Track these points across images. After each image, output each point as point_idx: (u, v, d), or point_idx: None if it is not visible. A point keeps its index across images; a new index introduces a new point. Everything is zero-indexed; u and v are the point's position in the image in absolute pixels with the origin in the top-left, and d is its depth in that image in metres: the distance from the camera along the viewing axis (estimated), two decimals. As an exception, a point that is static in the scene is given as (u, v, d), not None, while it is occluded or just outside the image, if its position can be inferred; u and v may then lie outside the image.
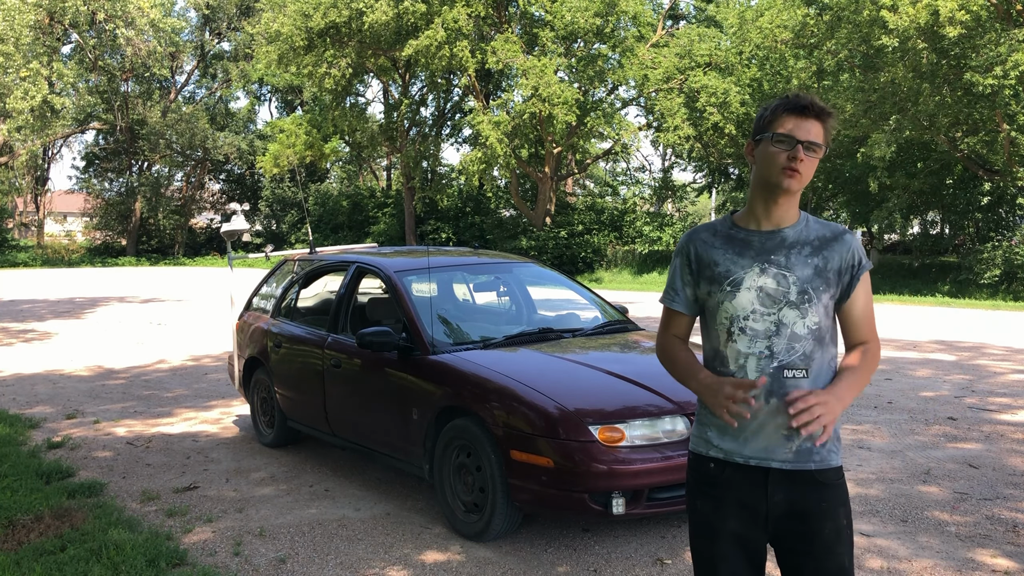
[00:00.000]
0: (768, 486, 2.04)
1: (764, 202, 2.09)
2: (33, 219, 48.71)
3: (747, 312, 2.07)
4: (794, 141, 2.00)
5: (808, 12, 20.28)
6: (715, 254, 2.13)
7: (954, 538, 4.05)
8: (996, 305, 17.05)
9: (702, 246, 2.16)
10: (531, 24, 26.74)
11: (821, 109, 2.03)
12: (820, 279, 2.05)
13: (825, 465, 2.04)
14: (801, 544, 2.04)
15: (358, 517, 4.48)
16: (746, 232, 2.12)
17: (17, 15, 25.94)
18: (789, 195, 2.06)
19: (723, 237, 2.15)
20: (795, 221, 2.11)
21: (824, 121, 2.03)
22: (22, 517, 4.32)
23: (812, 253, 2.06)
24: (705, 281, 2.14)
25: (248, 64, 39.34)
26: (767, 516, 2.05)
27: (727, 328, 2.09)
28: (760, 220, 2.11)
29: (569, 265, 28.29)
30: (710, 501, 2.11)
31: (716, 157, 27.20)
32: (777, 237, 2.09)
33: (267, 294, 6.47)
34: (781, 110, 2.04)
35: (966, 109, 18.03)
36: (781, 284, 2.05)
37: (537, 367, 4.33)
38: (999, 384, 8.01)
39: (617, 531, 4.19)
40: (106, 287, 23.75)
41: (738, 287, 2.08)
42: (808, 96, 2.05)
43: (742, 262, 2.09)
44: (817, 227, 2.11)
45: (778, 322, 2.04)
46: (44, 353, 10.55)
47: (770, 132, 2.04)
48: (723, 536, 2.08)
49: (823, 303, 2.05)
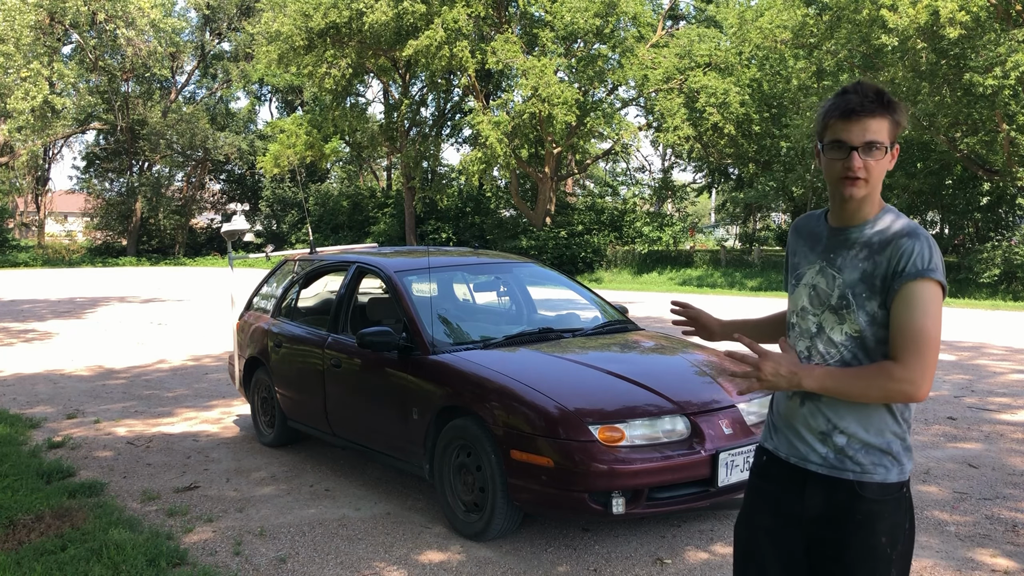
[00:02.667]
0: (806, 488, 1.98)
1: (835, 204, 2.00)
2: (34, 219, 48.71)
3: (798, 308, 2.05)
4: (847, 148, 1.86)
5: (808, 12, 20.30)
6: (798, 244, 2.12)
7: (954, 538, 4.06)
8: (996, 305, 17.06)
9: (796, 234, 2.15)
10: (531, 24, 26.76)
11: (875, 103, 1.86)
12: (865, 285, 1.90)
13: (867, 478, 1.91)
14: (831, 552, 1.95)
15: (358, 517, 4.49)
16: (825, 226, 2.05)
17: (17, 15, 25.95)
18: (855, 200, 1.93)
19: (810, 228, 2.10)
20: (865, 220, 1.95)
21: (883, 114, 1.86)
22: (23, 517, 4.32)
23: (868, 256, 1.91)
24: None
25: (248, 64, 39.34)
26: (802, 518, 1.99)
27: (789, 320, 2.10)
28: (835, 217, 2.02)
29: (569, 265, 28.29)
30: (755, 492, 2.10)
31: (716, 157, 27.22)
32: (842, 236, 1.99)
33: (267, 294, 6.47)
34: (830, 116, 1.90)
35: (966, 109, 18.04)
36: (828, 285, 1.98)
37: (537, 367, 4.34)
38: (999, 384, 8.01)
39: (617, 531, 4.20)
40: (106, 287, 23.75)
41: (799, 281, 2.06)
42: (860, 90, 1.88)
43: (810, 256, 2.05)
44: (886, 227, 1.92)
45: (819, 324, 1.99)
46: (45, 353, 10.56)
47: (823, 141, 1.93)
48: (759, 529, 2.07)
49: (868, 311, 1.90)
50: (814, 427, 1.97)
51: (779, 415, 2.07)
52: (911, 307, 1.84)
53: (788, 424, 2.03)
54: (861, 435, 1.93)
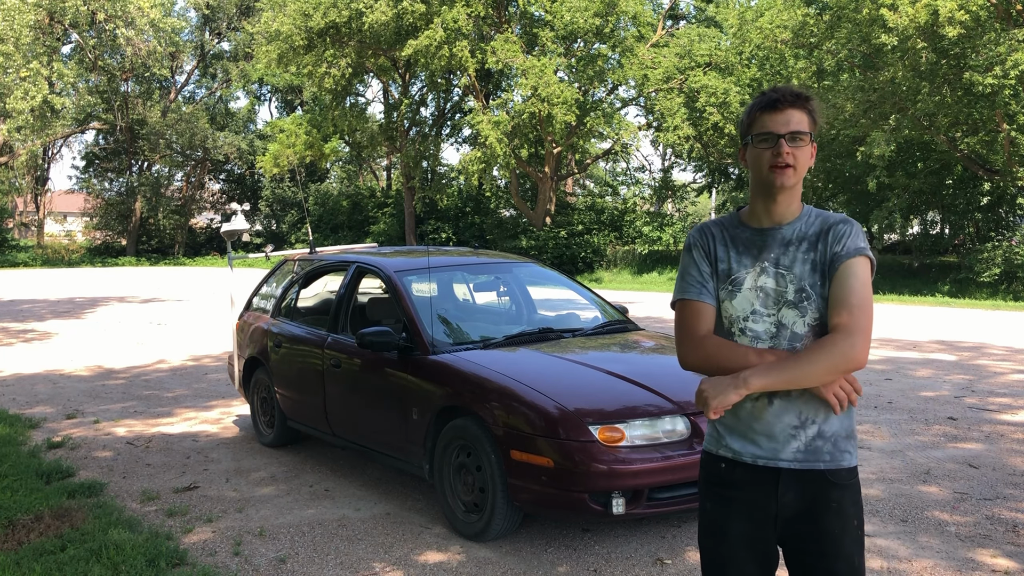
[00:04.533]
0: (778, 486, 2.01)
1: (763, 202, 2.06)
2: (33, 219, 48.71)
3: (747, 313, 2.04)
4: (775, 137, 1.98)
5: (808, 12, 20.28)
6: (720, 250, 2.10)
7: (954, 538, 4.05)
8: (996, 305, 17.05)
9: (712, 240, 2.12)
10: (531, 24, 26.74)
11: (795, 96, 2.00)
12: (816, 274, 2.00)
13: (836, 465, 2.00)
14: (811, 544, 2.02)
15: (358, 517, 4.48)
16: (750, 230, 2.09)
17: (17, 15, 25.94)
18: (785, 191, 2.02)
19: (729, 234, 2.11)
20: (795, 217, 2.06)
21: (803, 107, 2.00)
22: (22, 517, 4.32)
23: (809, 248, 2.02)
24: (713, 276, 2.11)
25: (248, 64, 39.34)
26: (776, 517, 2.02)
27: (727, 329, 2.07)
28: (761, 218, 2.08)
29: (569, 265, 28.29)
30: (720, 501, 2.09)
31: (716, 157, 27.19)
32: (777, 235, 2.05)
33: (267, 294, 6.47)
34: (756, 110, 2.02)
35: (966, 109, 18.03)
36: (780, 283, 2.02)
37: (537, 367, 4.33)
38: (999, 384, 8.01)
39: (617, 531, 4.19)
40: (106, 287, 23.75)
41: (739, 287, 2.06)
42: (779, 89, 2.02)
43: (744, 261, 2.07)
44: (817, 220, 2.05)
45: (778, 323, 2.02)
46: (44, 353, 10.55)
47: (750, 135, 2.03)
48: (732, 537, 2.06)
49: (822, 296, 2.00)
50: (786, 422, 2.00)
51: (739, 419, 2.06)
52: (851, 280, 1.97)
53: (751, 426, 2.04)
54: (830, 424, 2.00)
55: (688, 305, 2.09)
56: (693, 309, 2.08)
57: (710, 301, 2.08)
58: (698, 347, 2.05)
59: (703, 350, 2.04)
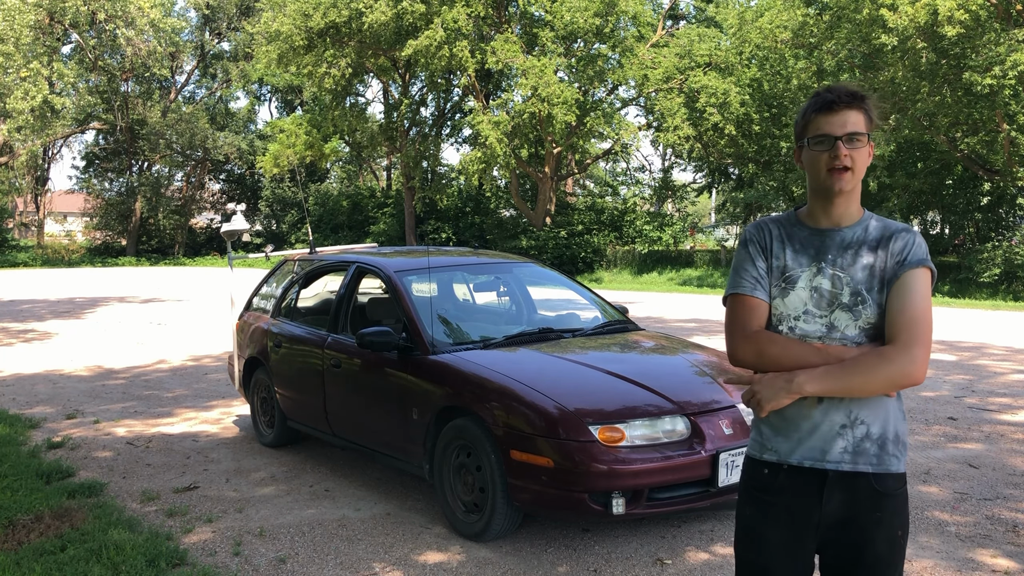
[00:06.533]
0: (824, 491, 1.96)
1: (822, 204, 2.03)
2: (33, 219, 48.71)
3: (798, 312, 2.01)
4: (832, 139, 1.94)
5: (808, 12, 20.29)
6: (777, 247, 2.06)
7: (954, 538, 4.05)
8: (996, 305, 17.06)
9: (769, 236, 2.08)
10: (531, 24, 26.74)
11: (851, 96, 1.96)
12: (875, 279, 1.97)
13: (883, 469, 1.95)
14: (850, 553, 1.97)
15: (358, 517, 4.48)
16: (808, 229, 2.05)
17: (17, 15, 25.95)
18: (843, 195, 1.99)
19: (787, 232, 2.07)
20: (855, 220, 2.02)
21: (859, 107, 1.96)
22: (22, 517, 4.32)
23: (868, 253, 1.99)
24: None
25: (248, 64, 39.33)
26: (819, 525, 1.97)
27: (775, 327, 2.03)
28: (820, 219, 2.04)
29: (569, 265, 28.29)
30: (760, 507, 2.04)
31: (716, 157, 27.21)
32: (836, 236, 2.01)
33: (267, 294, 6.46)
34: (811, 112, 1.98)
35: (966, 109, 18.03)
36: (836, 285, 1.99)
37: (537, 367, 4.33)
38: (999, 384, 8.01)
39: (617, 531, 4.19)
40: (106, 287, 23.74)
41: (793, 285, 2.03)
42: (835, 89, 1.98)
43: (801, 260, 2.03)
44: (877, 226, 2.02)
45: (830, 324, 1.98)
46: (44, 353, 10.55)
47: (806, 138, 1.99)
48: (771, 544, 2.01)
49: (879, 303, 1.97)
50: (834, 421, 1.96)
51: (785, 420, 2.02)
52: (910, 292, 1.94)
53: (798, 427, 2.00)
54: (878, 426, 1.96)
55: (741, 300, 2.06)
56: (746, 304, 2.05)
57: (764, 297, 2.04)
58: (750, 342, 2.02)
59: (755, 345, 2.01)
